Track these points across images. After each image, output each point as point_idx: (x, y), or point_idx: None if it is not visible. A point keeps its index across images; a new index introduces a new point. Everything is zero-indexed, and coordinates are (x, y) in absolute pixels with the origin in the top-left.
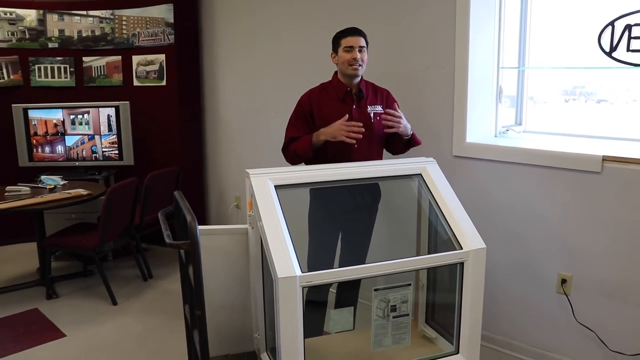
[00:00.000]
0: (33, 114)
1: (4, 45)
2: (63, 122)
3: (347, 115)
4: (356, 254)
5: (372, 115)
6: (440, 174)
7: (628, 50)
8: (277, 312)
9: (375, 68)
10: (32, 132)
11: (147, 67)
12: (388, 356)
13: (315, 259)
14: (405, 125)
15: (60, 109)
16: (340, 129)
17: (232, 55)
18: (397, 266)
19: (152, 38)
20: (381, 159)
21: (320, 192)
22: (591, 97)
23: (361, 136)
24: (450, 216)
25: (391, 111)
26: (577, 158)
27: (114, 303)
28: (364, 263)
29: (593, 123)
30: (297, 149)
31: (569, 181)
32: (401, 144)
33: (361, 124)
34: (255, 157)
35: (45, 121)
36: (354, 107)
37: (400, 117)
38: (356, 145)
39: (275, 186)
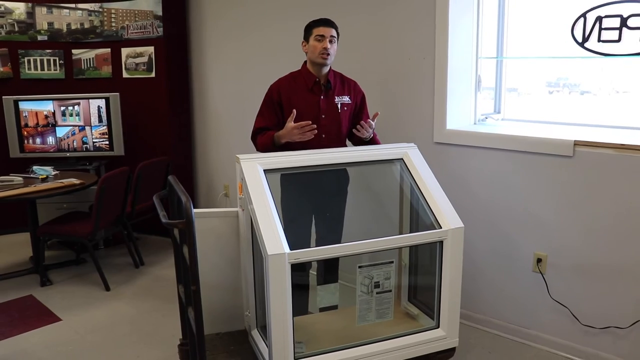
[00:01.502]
0: (24, 106)
1: None
2: (54, 113)
3: (311, 122)
4: (332, 235)
5: (339, 105)
6: (420, 158)
7: (599, 40)
8: (267, 288)
9: (359, 58)
10: (22, 123)
11: (136, 59)
12: (372, 331)
13: (293, 241)
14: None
15: (51, 101)
16: (293, 133)
17: (220, 48)
18: (381, 244)
19: (141, 30)
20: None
21: (291, 178)
22: (575, 89)
23: (316, 131)
24: (431, 198)
25: (370, 122)
26: (550, 143)
27: (107, 289)
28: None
29: (572, 112)
30: (260, 145)
31: (543, 165)
32: (362, 142)
33: (310, 122)
34: (243, 147)
35: (36, 113)
36: (322, 97)
37: (372, 128)
38: (323, 135)
39: (264, 170)
